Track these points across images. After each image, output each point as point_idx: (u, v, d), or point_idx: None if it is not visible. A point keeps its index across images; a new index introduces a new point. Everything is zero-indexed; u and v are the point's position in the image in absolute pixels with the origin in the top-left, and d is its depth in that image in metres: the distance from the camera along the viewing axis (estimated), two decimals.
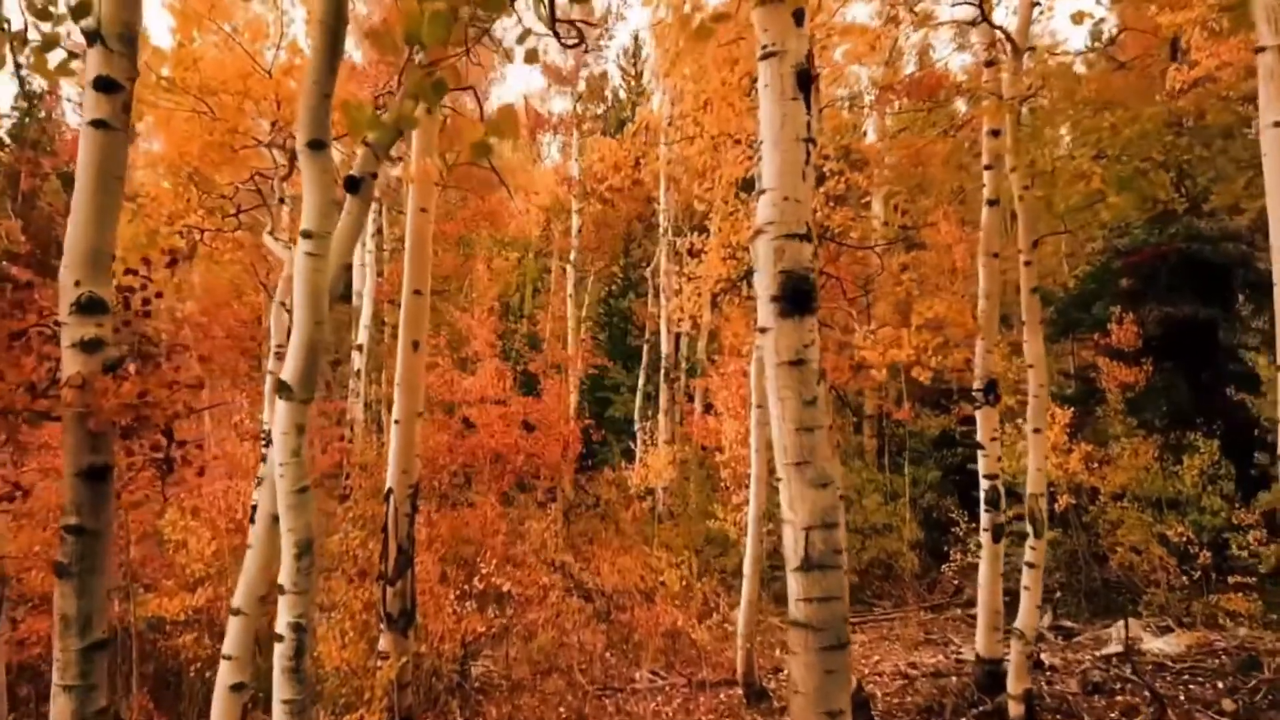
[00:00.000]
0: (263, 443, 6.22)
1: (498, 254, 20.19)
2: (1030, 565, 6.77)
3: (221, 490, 7.56)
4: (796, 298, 3.65)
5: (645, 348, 16.86)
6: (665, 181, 15.85)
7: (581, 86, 19.61)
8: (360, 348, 13.17)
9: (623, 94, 25.39)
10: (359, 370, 13.12)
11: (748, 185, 7.40)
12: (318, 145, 2.50)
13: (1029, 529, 6.83)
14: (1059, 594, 10.02)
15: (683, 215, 16.96)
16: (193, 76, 5.52)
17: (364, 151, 2.86)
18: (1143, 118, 4.86)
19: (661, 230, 16.00)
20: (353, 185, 2.84)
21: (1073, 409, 9.95)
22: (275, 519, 2.65)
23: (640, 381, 16.45)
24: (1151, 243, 10.27)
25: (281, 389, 2.50)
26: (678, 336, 16.07)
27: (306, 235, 2.51)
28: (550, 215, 18.88)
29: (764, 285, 3.73)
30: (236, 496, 7.18)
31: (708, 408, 13.93)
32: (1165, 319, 10.27)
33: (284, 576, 2.55)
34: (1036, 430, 6.87)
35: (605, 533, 11.67)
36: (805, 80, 3.83)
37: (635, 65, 25.39)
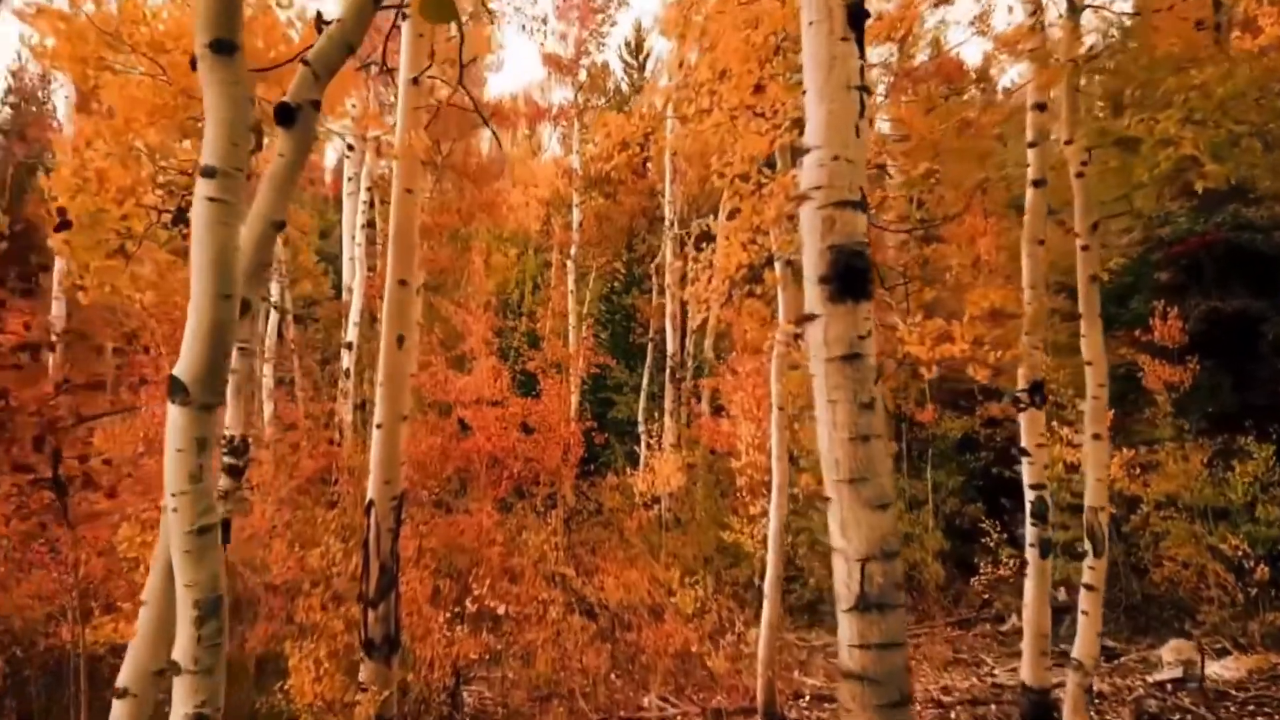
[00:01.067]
0: (223, 450, 5.53)
1: (496, 250, 19.50)
2: (1089, 587, 6.06)
3: None
4: (849, 278, 2.99)
5: (649, 346, 16.16)
6: (671, 172, 15.15)
7: (583, 76, 18.90)
8: (350, 345, 12.47)
9: (625, 87, 24.72)
10: (348, 369, 12.42)
11: (770, 163, 6.71)
12: (224, 48, 1.80)
13: (1086, 546, 6.13)
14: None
15: (689, 208, 16.28)
16: (142, 32, 4.82)
17: (302, 72, 2.16)
18: (1237, 75, 4.20)
19: (667, 223, 15.29)
20: (286, 115, 2.14)
21: (1111, 411, 9.23)
22: None
23: (644, 381, 15.74)
24: (1197, 231, 9.56)
25: (174, 390, 1.79)
26: (683, 335, 15.38)
27: (209, 173, 1.80)
28: (550, 209, 18.18)
29: (810, 264, 3.06)
30: None
31: (717, 409, 13.22)
32: (1211, 314, 9.56)
33: (179, 650, 1.84)
34: (1096, 436, 6.17)
35: (609, 542, 10.97)
36: (858, 16, 3.13)
37: (638, 57, 24.74)
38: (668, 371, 14.70)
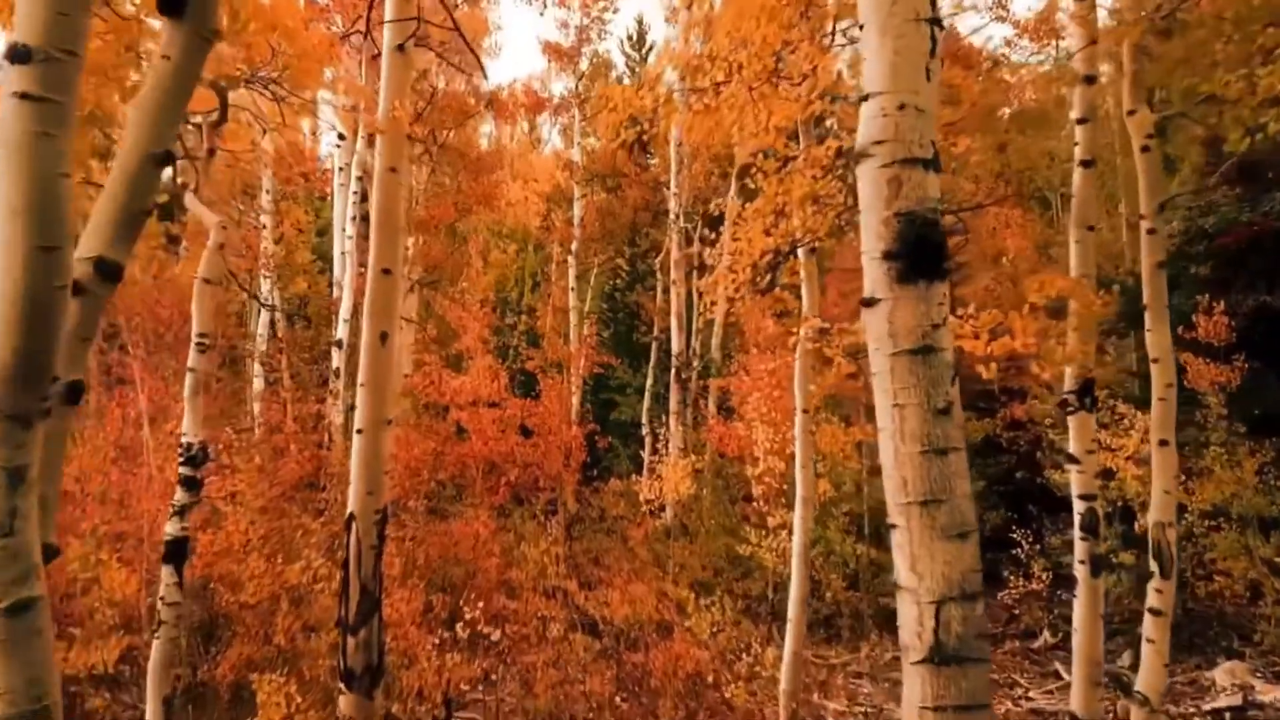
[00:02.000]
0: (180, 459, 4.92)
1: (495, 246, 18.85)
2: (1155, 612, 5.44)
3: (152, 512, 6.24)
4: (921, 253, 2.39)
5: (654, 345, 15.53)
6: (676, 163, 14.51)
7: (584, 65, 18.26)
8: (340, 343, 11.84)
9: (627, 80, 24.11)
10: (338, 369, 11.79)
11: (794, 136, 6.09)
12: None
13: (1153, 566, 5.50)
14: (1140, 628, 8.66)
15: (694, 201, 15.65)
16: None
17: None
18: None
19: (672, 216, 14.65)
20: (173, 1, 1.50)
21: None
22: None
23: (648, 382, 15.11)
24: (1243, 221, 8.93)
25: None
26: (688, 333, 14.73)
27: (20, 56, 1.17)
28: (551, 203, 17.55)
29: (871, 236, 2.49)
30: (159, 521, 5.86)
31: (728, 411, 12.59)
32: (1259, 310, 8.92)
33: None
34: (1163, 442, 5.53)
35: (613, 552, 10.32)
36: None
37: (640, 50, 24.16)
38: (673, 371, 14.06)
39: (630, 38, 24.38)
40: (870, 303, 2.50)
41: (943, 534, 2.28)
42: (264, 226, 13.74)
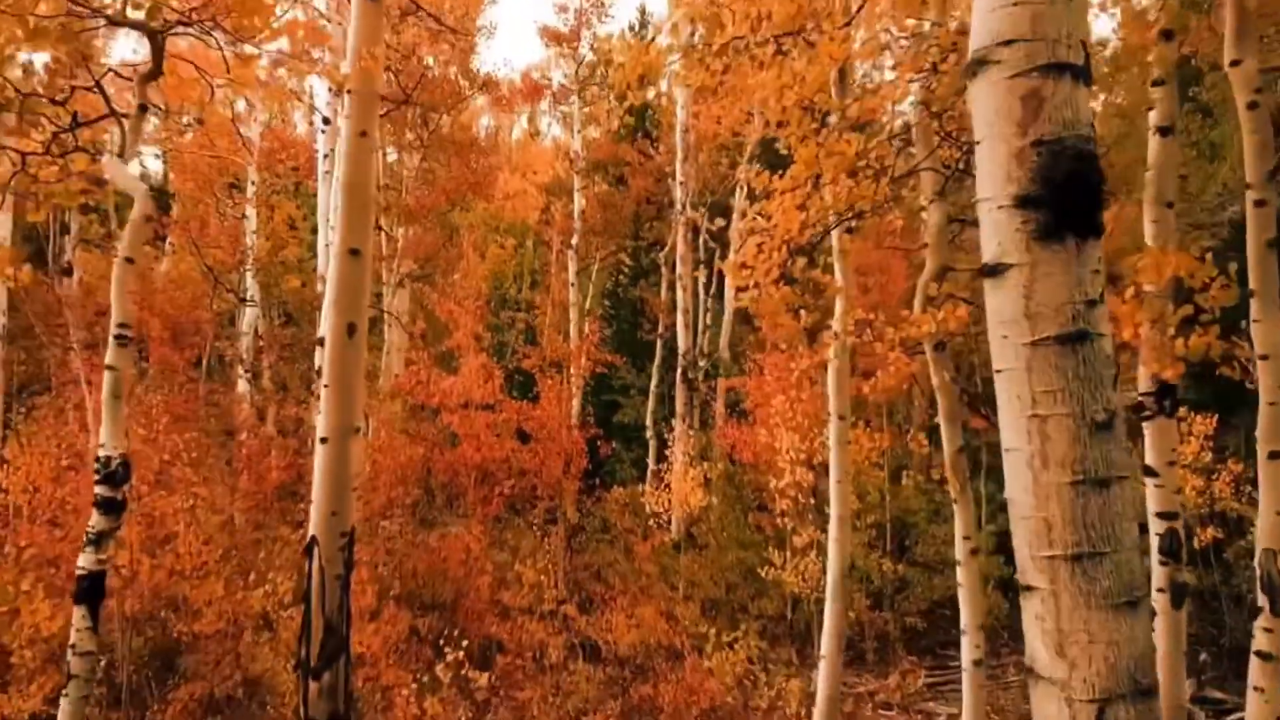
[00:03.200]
0: (96, 472, 4.11)
1: (493, 241, 18.02)
2: (1265, 656, 4.59)
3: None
4: (1072, 198, 1.65)
5: (659, 343, 14.69)
6: (682, 150, 13.67)
7: (585, 51, 17.44)
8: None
9: None
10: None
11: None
12: None
13: (1261, 601, 4.67)
14: (1204, 655, 7.87)
15: (701, 191, 14.83)
16: None
17: None
18: None
19: (677, 208, 13.82)
20: None
21: (1214, 417, 7.84)
22: None
23: (653, 382, 14.27)
24: None
25: None
26: (695, 330, 13.89)
27: None
28: (550, 195, 16.72)
29: (996, 175, 1.73)
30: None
31: (741, 414, 11.75)
32: None
33: None
34: (1274, 454, 4.69)
35: (617, 567, 9.49)
36: None
37: (642, 40, 23.40)
38: (679, 371, 13.22)
39: (632, 27, 23.67)
40: (995, 270, 1.74)
41: (1105, 601, 1.56)
42: (244, 217, 12.95)
